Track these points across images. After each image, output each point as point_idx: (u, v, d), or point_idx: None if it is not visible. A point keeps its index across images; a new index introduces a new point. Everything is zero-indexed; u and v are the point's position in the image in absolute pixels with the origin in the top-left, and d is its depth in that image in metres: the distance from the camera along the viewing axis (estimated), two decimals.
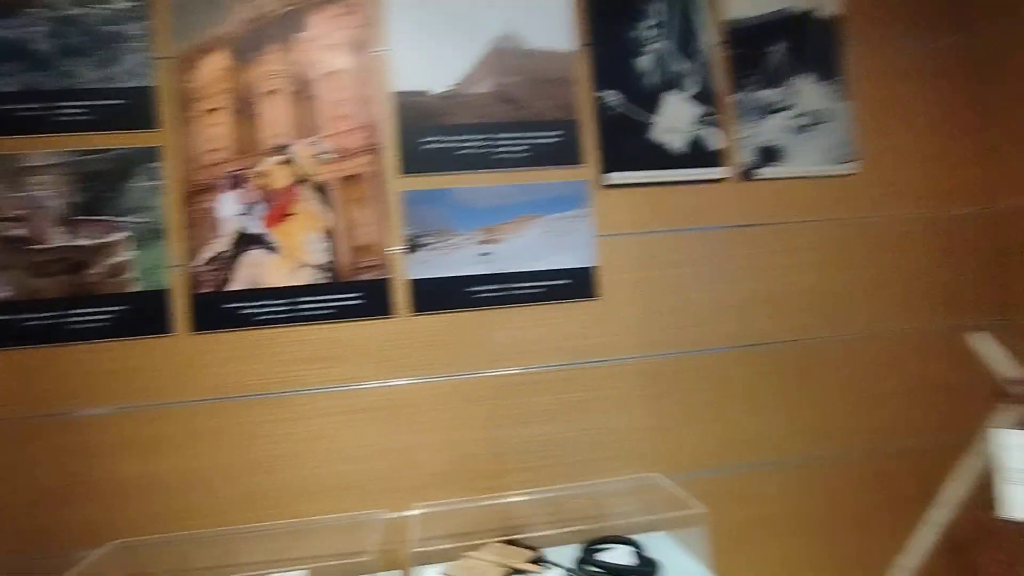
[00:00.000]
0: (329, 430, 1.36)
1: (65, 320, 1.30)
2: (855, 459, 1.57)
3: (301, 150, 1.39)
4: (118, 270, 1.32)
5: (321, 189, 1.39)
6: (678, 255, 1.52)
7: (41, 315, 1.30)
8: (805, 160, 1.58)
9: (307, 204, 1.39)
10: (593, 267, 1.47)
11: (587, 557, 1.24)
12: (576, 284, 1.46)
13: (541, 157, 1.47)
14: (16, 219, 1.30)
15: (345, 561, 1.31)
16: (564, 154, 1.48)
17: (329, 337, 1.38)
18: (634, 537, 1.34)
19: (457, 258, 1.43)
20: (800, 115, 1.59)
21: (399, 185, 1.42)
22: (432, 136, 1.44)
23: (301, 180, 1.39)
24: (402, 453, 1.38)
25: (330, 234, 1.39)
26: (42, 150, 1.32)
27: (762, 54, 1.59)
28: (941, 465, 1.58)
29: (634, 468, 1.47)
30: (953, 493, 1.33)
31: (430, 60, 1.45)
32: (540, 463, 1.43)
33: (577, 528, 1.39)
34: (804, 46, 1.60)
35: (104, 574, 1.23)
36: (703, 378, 1.51)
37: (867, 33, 1.64)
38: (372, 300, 1.39)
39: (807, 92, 1.59)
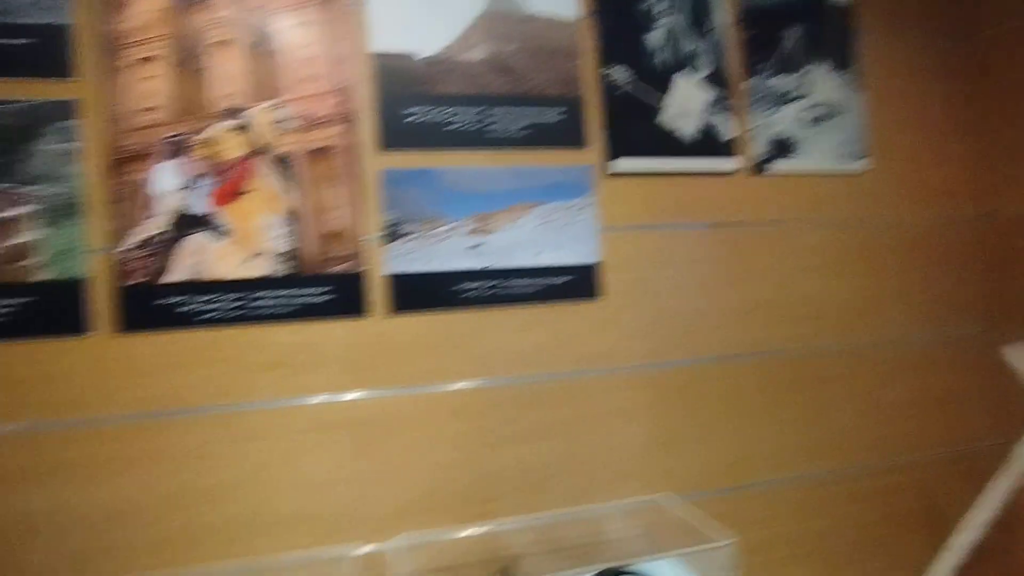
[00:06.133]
0: (289, 451, 1.15)
1: None
2: (863, 474, 1.48)
3: (258, 115, 1.16)
4: (21, 253, 1.05)
5: (282, 163, 1.16)
6: (687, 253, 1.38)
7: None
8: (818, 155, 1.47)
9: (265, 180, 1.16)
10: (596, 264, 1.31)
11: None
12: (577, 283, 1.30)
13: (541, 137, 1.30)
14: None
15: None
16: (566, 135, 1.31)
17: (289, 341, 1.16)
18: (645, 566, 1.20)
19: (443, 250, 1.23)
20: (814, 106, 1.47)
21: (377, 162, 1.21)
22: (417, 106, 1.24)
23: (258, 151, 1.16)
24: (376, 477, 1.19)
25: (293, 217, 1.16)
26: None
27: (777, 38, 1.46)
28: (947, 479, 1.52)
29: (641, 488, 1.32)
30: (981, 514, 1.26)
31: (416, 18, 1.24)
32: (535, 485, 1.26)
33: (579, 558, 1.24)
34: (820, 32, 1.49)
35: None
36: (714, 389, 1.38)
37: (878, 25, 1.54)
38: (342, 297, 1.18)
39: (822, 82, 1.48)
